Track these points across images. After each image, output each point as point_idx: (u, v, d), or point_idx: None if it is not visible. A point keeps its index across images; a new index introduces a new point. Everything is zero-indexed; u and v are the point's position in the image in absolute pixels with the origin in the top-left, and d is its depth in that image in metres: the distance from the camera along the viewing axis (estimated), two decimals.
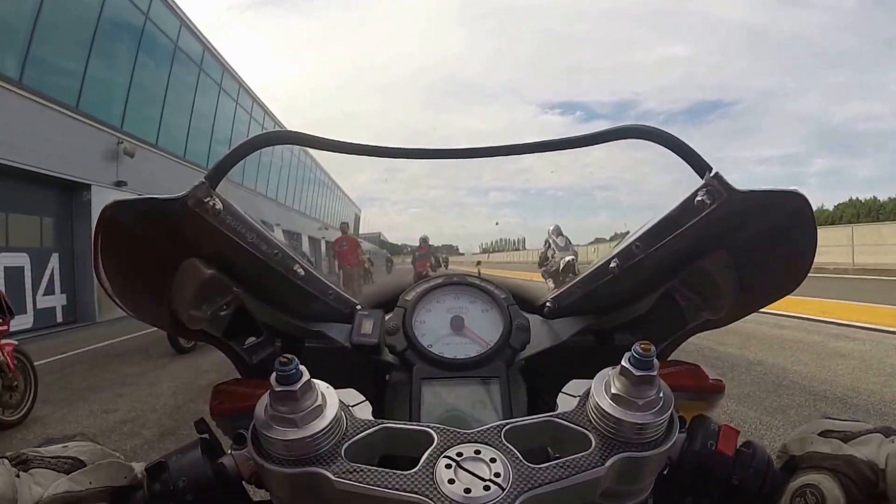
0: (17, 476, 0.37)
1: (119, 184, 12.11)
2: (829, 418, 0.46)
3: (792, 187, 0.48)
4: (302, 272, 0.59)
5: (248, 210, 0.55)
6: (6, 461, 0.38)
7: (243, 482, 0.44)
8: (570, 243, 9.20)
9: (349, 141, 0.56)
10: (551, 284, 8.47)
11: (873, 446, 0.40)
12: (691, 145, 0.52)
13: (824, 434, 0.44)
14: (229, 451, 0.44)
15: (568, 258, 8.68)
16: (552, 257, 9.12)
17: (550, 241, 9.36)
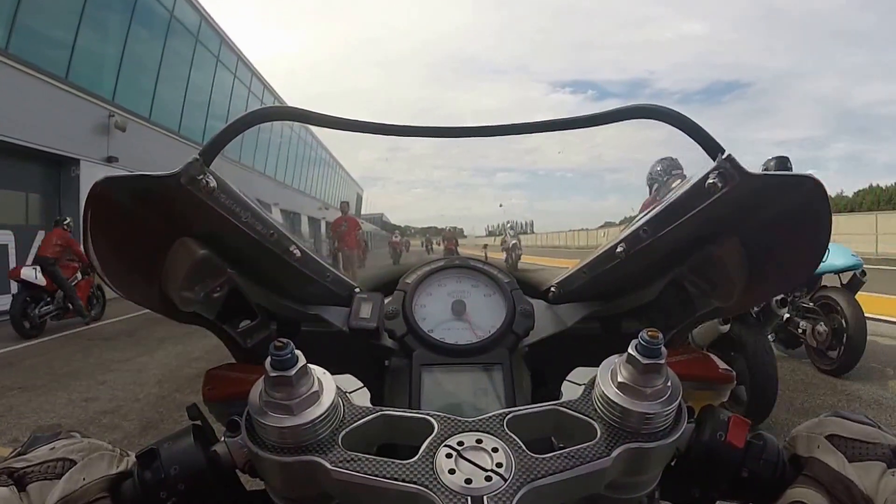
0: (21, 500, 0.38)
1: (110, 159, 11.85)
2: (841, 416, 0.45)
3: (807, 171, 0.46)
4: (298, 253, 0.58)
5: (243, 188, 0.54)
6: (13, 486, 0.39)
7: (237, 470, 0.43)
8: (518, 233, 17.05)
9: (347, 117, 0.55)
10: (504, 255, 15.69)
11: (875, 476, 0.40)
12: (705, 126, 0.50)
13: (832, 439, 0.43)
14: (222, 439, 0.44)
15: (513, 241, 16.15)
16: (507, 241, 16.46)
17: (506, 230, 16.87)
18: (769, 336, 4.16)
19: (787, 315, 4.28)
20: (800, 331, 4.37)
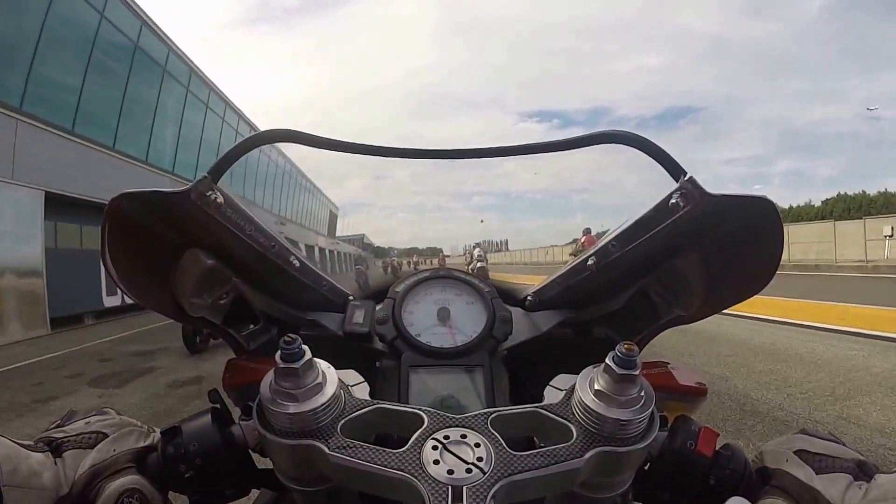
0: (55, 464, 0.43)
1: None
2: (809, 434, 0.48)
3: (761, 193, 0.50)
4: (297, 263, 0.63)
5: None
6: (49, 453, 0.43)
7: (250, 451, 0.48)
8: (478, 254, 19.10)
9: (342, 140, 0.59)
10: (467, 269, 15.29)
11: (840, 487, 0.42)
12: (662, 146, 0.54)
13: (800, 454, 0.46)
14: (238, 421, 0.48)
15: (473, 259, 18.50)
16: (467, 259, 18.78)
17: (470, 252, 18.95)
18: None
19: None
20: None
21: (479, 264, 15.88)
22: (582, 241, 12.15)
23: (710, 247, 0.57)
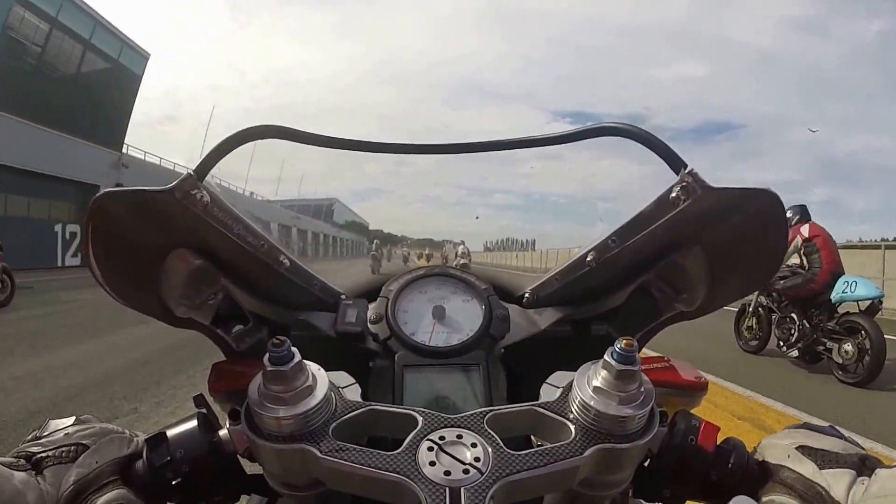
0: (38, 482, 0.42)
1: None
2: (810, 428, 0.48)
3: (764, 186, 0.51)
4: (287, 263, 0.63)
5: None
6: (31, 471, 0.42)
7: (239, 456, 0.48)
8: (465, 251, 21.12)
9: (330, 135, 0.59)
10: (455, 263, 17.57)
11: (844, 484, 0.42)
12: (696, 163, 0.52)
13: (802, 450, 0.45)
14: (225, 427, 0.48)
15: (461, 258, 19.35)
16: (452, 255, 21.41)
17: (456, 247, 23.01)
18: (793, 353, 5.45)
19: (812, 335, 5.38)
20: (822, 349, 5.31)
21: (462, 261, 17.79)
22: None
23: (712, 241, 0.57)
